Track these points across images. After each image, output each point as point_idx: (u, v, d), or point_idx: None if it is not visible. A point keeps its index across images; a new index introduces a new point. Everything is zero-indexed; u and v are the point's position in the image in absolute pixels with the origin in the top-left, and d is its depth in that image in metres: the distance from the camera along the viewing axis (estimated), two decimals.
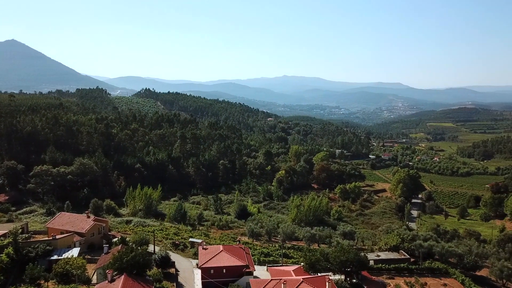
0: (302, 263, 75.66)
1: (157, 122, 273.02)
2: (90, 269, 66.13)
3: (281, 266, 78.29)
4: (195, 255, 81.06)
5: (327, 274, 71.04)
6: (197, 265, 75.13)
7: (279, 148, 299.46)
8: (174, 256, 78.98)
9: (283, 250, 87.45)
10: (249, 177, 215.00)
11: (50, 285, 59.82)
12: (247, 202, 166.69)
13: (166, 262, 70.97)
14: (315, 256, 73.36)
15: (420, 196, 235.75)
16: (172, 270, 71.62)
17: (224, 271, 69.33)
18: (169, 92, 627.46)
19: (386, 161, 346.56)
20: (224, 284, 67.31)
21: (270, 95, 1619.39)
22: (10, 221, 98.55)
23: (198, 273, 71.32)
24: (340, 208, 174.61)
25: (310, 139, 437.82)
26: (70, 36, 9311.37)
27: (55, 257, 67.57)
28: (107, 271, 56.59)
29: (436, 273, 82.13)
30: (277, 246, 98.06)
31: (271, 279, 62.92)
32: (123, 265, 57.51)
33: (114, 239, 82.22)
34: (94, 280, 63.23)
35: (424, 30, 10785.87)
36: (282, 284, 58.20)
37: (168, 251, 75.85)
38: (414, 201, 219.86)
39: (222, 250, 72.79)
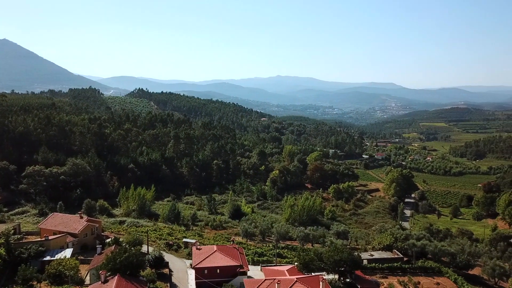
0: (296, 263, 75.93)
1: (150, 122, 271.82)
2: (83, 270, 65.81)
3: (275, 266, 78.51)
4: (189, 256, 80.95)
5: (321, 273, 71.27)
6: (191, 265, 75.01)
7: (273, 148, 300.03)
8: (168, 256, 78.78)
9: (277, 250, 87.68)
10: (243, 177, 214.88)
11: (43, 286, 59.48)
12: (241, 202, 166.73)
13: (159, 263, 70.79)
14: (309, 255, 73.64)
15: (413, 195, 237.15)
16: (166, 271, 71.50)
17: (218, 271, 69.42)
18: (162, 92, 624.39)
19: (379, 161, 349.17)
20: (218, 284, 67.29)
21: (264, 95, 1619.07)
22: (2, 222, 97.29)
23: (192, 273, 71.16)
24: (333, 207, 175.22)
25: (304, 139, 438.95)
26: (62, 35, 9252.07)
27: (48, 258, 67.23)
28: (100, 272, 56.41)
29: (429, 272, 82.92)
30: (271, 246, 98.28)
31: (265, 279, 63.09)
32: (117, 265, 57.36)
33: (107, 240, 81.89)
34: (87, 281, 62.91)
35: (417, 30, 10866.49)
36: (276, 284, 58.31)
37: (161, 252, 75.53)
38: (407, 200, 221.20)
39: (216, 250, 72.85)
